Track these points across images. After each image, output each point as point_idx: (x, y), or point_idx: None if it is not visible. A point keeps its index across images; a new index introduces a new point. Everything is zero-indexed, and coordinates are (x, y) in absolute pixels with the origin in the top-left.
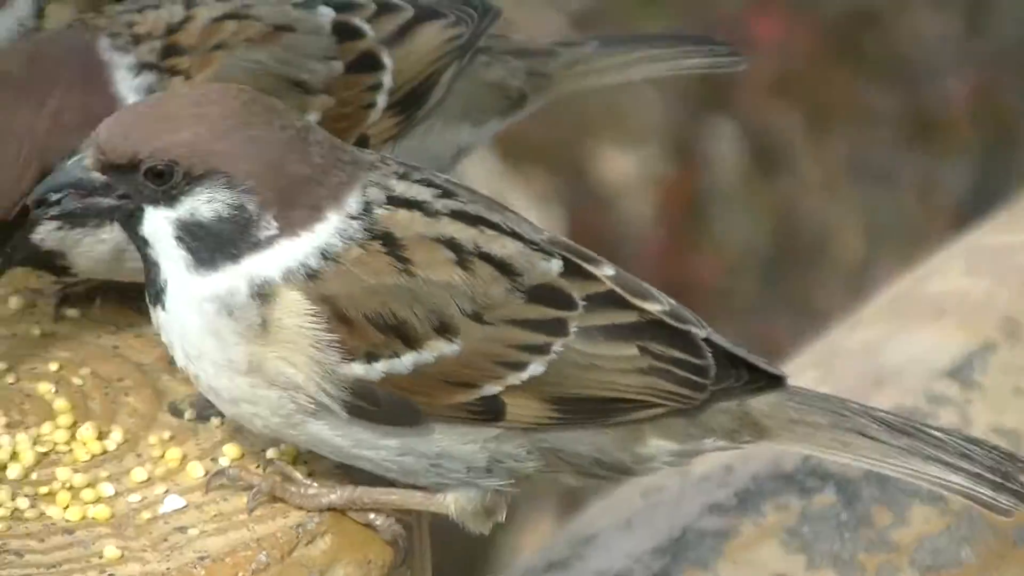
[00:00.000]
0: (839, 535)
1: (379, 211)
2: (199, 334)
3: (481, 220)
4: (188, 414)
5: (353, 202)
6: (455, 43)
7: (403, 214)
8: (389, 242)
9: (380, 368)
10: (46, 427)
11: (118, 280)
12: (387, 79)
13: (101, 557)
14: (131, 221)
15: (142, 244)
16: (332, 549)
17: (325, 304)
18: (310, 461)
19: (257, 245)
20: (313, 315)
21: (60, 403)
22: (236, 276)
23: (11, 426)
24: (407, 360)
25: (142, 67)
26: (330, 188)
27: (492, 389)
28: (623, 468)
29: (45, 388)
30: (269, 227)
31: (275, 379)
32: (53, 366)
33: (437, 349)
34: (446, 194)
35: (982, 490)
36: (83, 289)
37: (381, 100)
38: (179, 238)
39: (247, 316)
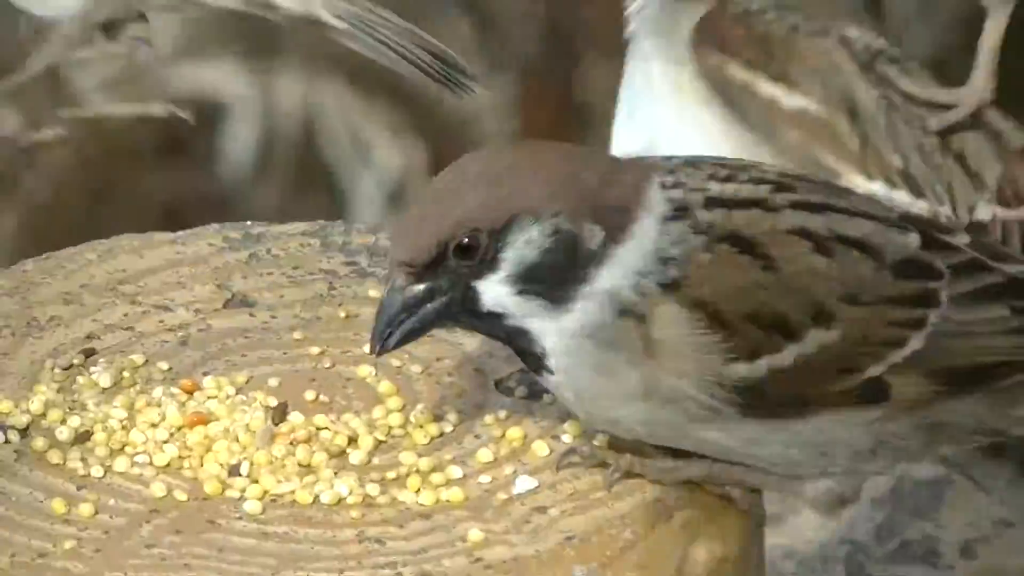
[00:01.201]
0: None
1: (704, 213)
2: (589, 375)
3: (826, 207)
4: (519, 392)
5: (657, 199)
6: None
7: (741, 214)
8: (738, 242)
9: (764, 364)
10: (377, 411)
11: None
12: None
13: (465, 541)
14: (469, 304)
15: (495, 320)
16: (691, 523)
17: (701, 309)
18: None
19: (594, 257)
20: (692, 322)
21: (385, 386)
22: (595, 300)
23: (340, 411)
24: (788, 353)
25: None
26: (625, 186)
27: (875, 370)
28: (998, 432)
29: (365, 371)
30: (593, 233)
31: (670, 396)
32: (366, 348)
33: (816, 338)
34: (781, 188)
35: None
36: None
37: None
38: (521, 291)
39: (628, 341)
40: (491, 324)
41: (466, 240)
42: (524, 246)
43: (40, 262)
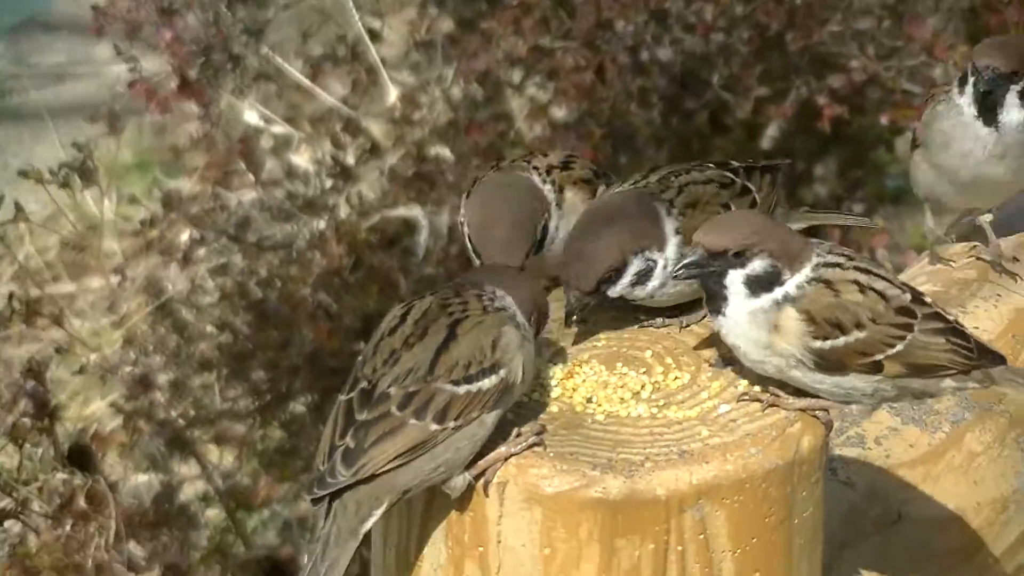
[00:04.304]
0: None
1: (823, 270)
2: (745, 327)
3: (870, 272)
4: (718, 364)
5: (814, 259)
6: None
7: (831, 270)
8: (828, 284)
9: (828, 344)
10: (655, 372)
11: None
12: None
13: (700, 435)
14: (719, 277)
15: (721, 288)
16: (800, 428)
17: (805, 313)
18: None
19: (781, 283)
20: (800, 319)
21: (651, 359)
22: (768, 298)
23: (638, 371)
24: (841, 340)
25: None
26: (804, 248)
27: (878, 356)
28: (931, 394)
29: (644, 354)
30: (785, 273)
31: (779, 351)
32: (645, 342)
33: (855, 335)
34: (850, 258)
35: None
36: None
37: None
38: (744, 283)
39: (768, 318)
40: (717, 287)
41: (741, 251)
42: (759, 266)
43: None
